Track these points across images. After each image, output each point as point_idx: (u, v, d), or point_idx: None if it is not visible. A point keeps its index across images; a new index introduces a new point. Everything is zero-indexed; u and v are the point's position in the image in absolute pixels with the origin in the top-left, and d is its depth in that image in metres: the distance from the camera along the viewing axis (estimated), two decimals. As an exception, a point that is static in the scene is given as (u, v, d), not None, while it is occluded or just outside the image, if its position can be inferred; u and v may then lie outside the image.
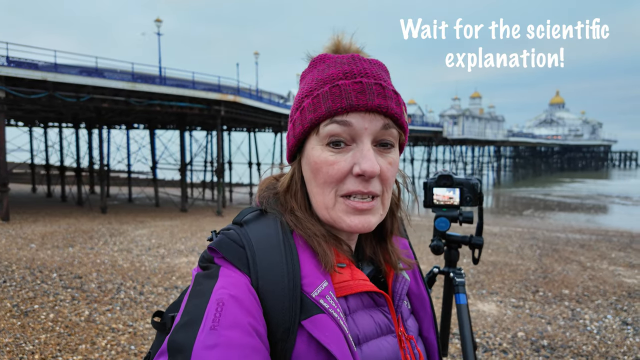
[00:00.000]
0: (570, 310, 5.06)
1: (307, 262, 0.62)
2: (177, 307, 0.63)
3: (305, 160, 0.66)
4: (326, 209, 0.64)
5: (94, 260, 6.83)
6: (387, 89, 0.63)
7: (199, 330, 0.51)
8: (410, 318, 0.76)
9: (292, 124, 0.68)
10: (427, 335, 0.77)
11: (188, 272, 6.30)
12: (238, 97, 15.20)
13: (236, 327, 0.51)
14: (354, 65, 0.64)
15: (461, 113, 56.04)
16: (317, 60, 0.68)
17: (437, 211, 1.54)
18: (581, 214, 20.11)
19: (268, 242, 0.62)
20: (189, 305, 0.55)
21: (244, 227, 0.64)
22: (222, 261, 0.61)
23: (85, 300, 4.85)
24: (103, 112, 15.11)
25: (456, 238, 1.60)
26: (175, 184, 25.72)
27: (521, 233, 11.80)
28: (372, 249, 0.74)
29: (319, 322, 0.57)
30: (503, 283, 6.19)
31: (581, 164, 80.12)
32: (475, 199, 1.47)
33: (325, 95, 0.62)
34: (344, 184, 0.62)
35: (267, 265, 0.59)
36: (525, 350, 3.85)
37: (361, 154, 0.61)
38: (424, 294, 0.79)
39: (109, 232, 9.86)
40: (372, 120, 0.61)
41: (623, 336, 4.24)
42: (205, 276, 0.59)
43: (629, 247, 9.77)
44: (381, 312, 0.68)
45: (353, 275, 0.65)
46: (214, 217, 14.14)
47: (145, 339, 3.90)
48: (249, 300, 0.55)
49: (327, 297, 0.59)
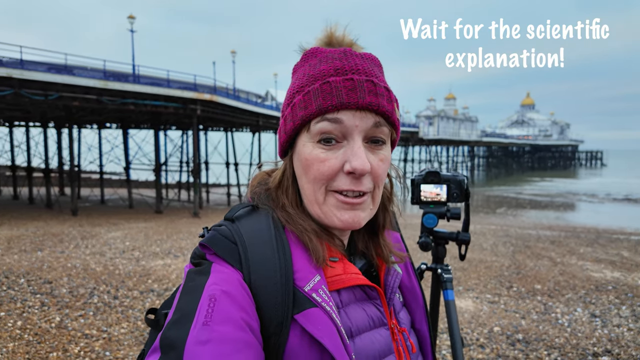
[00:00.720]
0: (542, 304, 5.23)
1: (299, 257, 0.62)
2: (170, 304, 0.63)
3: (296, 156, 0.66)
4: (317, 205, 0.64)
5: (64, 264, 6.58)
6: (379, 86, 0.62)
7: (191, 326, 0.51)
8: (402, 310, 0.76)
9: (283, 120, 0.68)
10: (419, 327, 0.78)
11: (164, 274, 6.16)
12: (215, 96, 14.98)
13: (229, 322, 0.51)
14: (345, 60, 0.63)
15: (436, 114, 57.11)
16: (309, 54, 0.67)
17: (424, 208, 1.55)
18: (551, 212, 20.84)
19: (260, 238, 0.61)
20: (181, 301, 0.55)
21: (236, 223, 0.64)
22: (214, 257, 0.60)
23: (56, 306, 4.67)
24: (73, 110, 14.58)
25: (443, 234, 1.61)
26: (149, 185, 25.12)
27: (495, 230, 12.12)
28: (364, 243, 0.74)
29: (311, 316, 0.57)
30: (479, 279, 6.34)
31: (550, 163, 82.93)
32: (462, 195, 1.48)
33: (316, 92, 0.61)
34: (335, 181, 0.62)
35: (259, 260, 0.59)
36: (501, 345, 3.95)
37: (352, 152, 0.61)
38: (415, 286, 0.80)
39: (81, 235, 9.53)
40: (363, 117, 0.61)
41: (592, 328, 4.41)
42: (197, 272, 0.58)
43: (596, 242, 10.19)
44: (373, 305, 0.68)
45: (345, 269, 0.66)
46: (191, 218, 13.89)
47: (120, 344, 3.78)
48: (241, 296, 0.55)
49: (319, 291, 0.59)
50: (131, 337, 3.92)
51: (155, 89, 13.73)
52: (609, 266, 7.41)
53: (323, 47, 0.67)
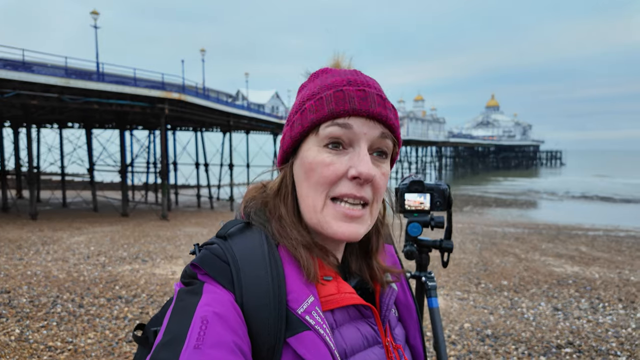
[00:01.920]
0: (509, 300, 5.43)
1: (292, 275, 0.61)
2: (159, 321, 0.62)
3: (299, 161, 0.66)
4: (314, 212, 0.64)
5: (23, 272, 6.24)
6: (387, 101, 0.65)
7: (182, 349, 0.49)
8: (398, 326, 0.76)
9: (289, 126, 0.68)
10: (413, 343, 0.78)
11: (132, 280, 5.96)
12: (183, 95, 14.62)
13: (221, 346, 0.50)
14: (356, 76, 0.66)
15: (406, 115, 58.23)
16: (319, 72, 0.70)
17: (408, 216, 1.57)
18: (515, 209, 21.70)
19: (252, 257, 0.60)
20: (172, 322, 0.53)
21: (228, 241, 0.63)
22: (206, 277, 0.59)
23: (15, 317, 4.42)
24: (32, 109, 13.85)
25: (427, 243, 1.64)
26: (115, 187, 24.24)
27: (462, 228, 12.49)
28: (358, 265, 0.74)
29: (304, 340, 0.56)
30: (448, 277, 6.51)
31: (514, 162, 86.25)
32: (445, 203, 1.51)
33: (329, 97, 0.63)
34: (337, 186, 0.62)
35: (252, 281, 0.58)
36: (472, 341, 4.07)
37: (358, 157, 0.61)
38: (410, 301, 0.80)
39: (41, 240, 9.07)
40: (372, 127, 0.63)
41: (555, 321, 4.63)
42: (189, 292, 0.57)
43: (557, 238, 10.70)
44: (368, 324, 0.68)
45: (339, 289, 0.65)
46: (159, 221, 13.50)
47: (88, 355, 3.62)
48: (233, 318, 0.54)
49: (313, 312, 0.59)
50: (99, 348, 3.77)
51: (121, 87, 13.24)
52: (569, 261, 7.80)
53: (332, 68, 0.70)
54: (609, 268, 7.23)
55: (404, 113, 58.91)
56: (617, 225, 14.54)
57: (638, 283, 6.17)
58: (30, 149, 13.47)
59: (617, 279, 6.46)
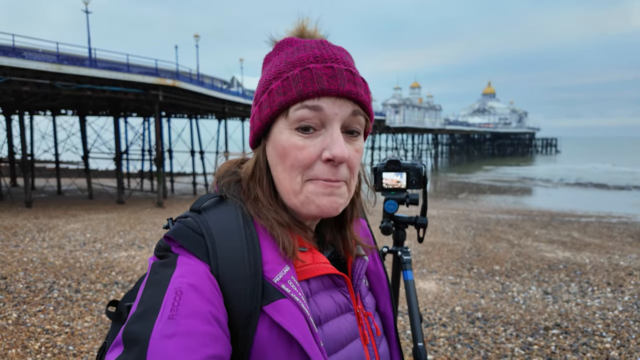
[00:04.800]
0: (500, 284, 5.53)
1: (268, 248, 0.62)
2: (133, 296, 0.61)
3: (271, 144, 0.65)
4: (293, 194, 0.64)
5: (19, 258, 6.27)
6: (357, 76, 0.63)
7: (156, 319, 0.49)
8: (368, 295, 0.79)
9: (257, 107, 0.66)
10: (383, 310, 0.81)
11: (129, 266, 6.00)
12: (177, 82, 14.48)
13: (195, 315, 0.50)
14: (324, 49, 0.63)
15: (402, 102, 58.01)
16: (283, 44, 0.67)
17: (386, 194, 1.62)
18: (509, 196, 21.84)
19: (228, 229, 0.60)
20: (146, 294, 0.53)
21: (203, 215, 0.62)
22: (180, 249, 0.59)
23: (12, 302, 4.46)
24: (24, 96, 13.70)
25: (403, 219, 1.70)
26: (110, 175, 24.11)
27: (457, 215, 12.60)
28: (332, 235, 0.75)
29: (280, 307, 0.57)
30: (441, 262, 6.60)
31: (509, 150, 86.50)
32: (420, 182, 1.57)
33: (296, 78, 0.61)
34: (312, 170, 0.62)
35: (228, 252, 0.58)
36: (462, 323, 4.16)
37: (331, 139, 0.61)
38: (380, 271, 0.82)
39: (36, 227, 9.07)
40: (342, 105, 0.61)
41: (544, 304, 4.73)
42: (163, 265, 0.57)
43: (549, 225, 10.83)
44: (340, 292, 0.70)
45: (314, 259, 0.66)
46: (154, 208, 13.51)
47: (84, 338, 3.68)
48: (208, 289, 0.54)
49: (288, 281, 0.59)
50: (96, 331, 3.82)
51: (114, 73, 13.08)
52: (560, 247, 7.91)
53: (297, 38, 0.67)
54: (600, 253, 7.35)
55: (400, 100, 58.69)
56: (609, 212, 14.71)
57: (627, 267, 6.29)
58: (24, 137, 13.36)
59: (607, 263, 6.57)
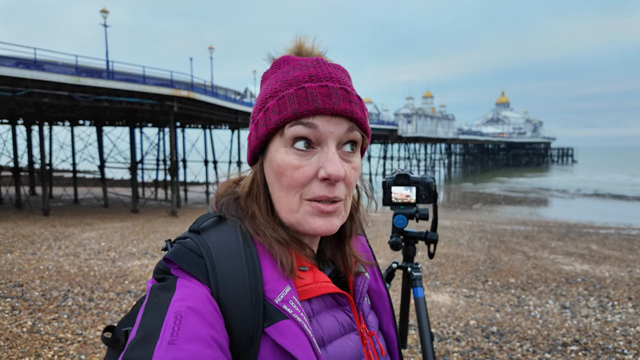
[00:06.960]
0: (516, 297, 5.40)
1: (268, 268, 0.61)
2: (130, 321, 0.60)
3: (268, 162, 0.65)
4: (290, 212, 0.63)
5: (36, 266, 6.38)
6: (352, 94, 0.63)
7: (156, 345, 0.48)
8: (370, 314, 0.77)
9: (254, 125, 0.66)
10: (387, 330, 0.79)
11: (142, 275, 6.05)
12: (192, 93, 14.74)
13: (196, 340, 0.49)
14: (319, 68, 0.63)
15: (414, 112, 57.90)
16: (280, 62, 0.67)
17: (395, 209, 1.59)
18: (525, 207, 21.48)
19: (227, 250, 0.60)
20: (145, 319, 0.52)
21: (202, 235, 0.62)
22: (180, 272, 0.58)
23: (28, 309, 4.52)
24: (44, 107, 14.08)
25: (413, 234, 1.67)
26: (125, 184, 24.51)
27: (471, 226, 12.41)
28: (332, 252, 0.74)
29: (282, 328, 0.56)
30: (455, 274, 6.48)
31: (524, 160, 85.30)
32: (430, 196, 1.54)
33: (291, 97, 0.61)
34: (309, 188, 0.62)
35: (228, 274, 0.57)
36: (476, 337, 4.06)
37: (326, 158, 0.60)
38: (382, 290, 0.81)
39: (53, 235, 9.24)
40: (338, 124, 0.61)
41: (562, 319, 4.59)
42: (162, 288, 0.56)
43: (567, 236, 10.57)
44: (343, 312, 0.69)
45: (315, 278, 0.65)
46: (168, 217, 13.65)
47: (96, 347, 3.70)
48: (209, 312, 0.53)
49: (290, 302, 0.59)
50: (107, 340, 3.84)
51: (130, 85, 13.39)
52: (578, 259, 7.70)
53: (294, 56, 0.67)
54: (620, 266, 7.13)
55: (413, 110, 58.56)
56: (630, 224, 14.31)
57: (649, 282, 6.09)
58: (43, 147, 13.70)
59: (628, 277, 6.37)
